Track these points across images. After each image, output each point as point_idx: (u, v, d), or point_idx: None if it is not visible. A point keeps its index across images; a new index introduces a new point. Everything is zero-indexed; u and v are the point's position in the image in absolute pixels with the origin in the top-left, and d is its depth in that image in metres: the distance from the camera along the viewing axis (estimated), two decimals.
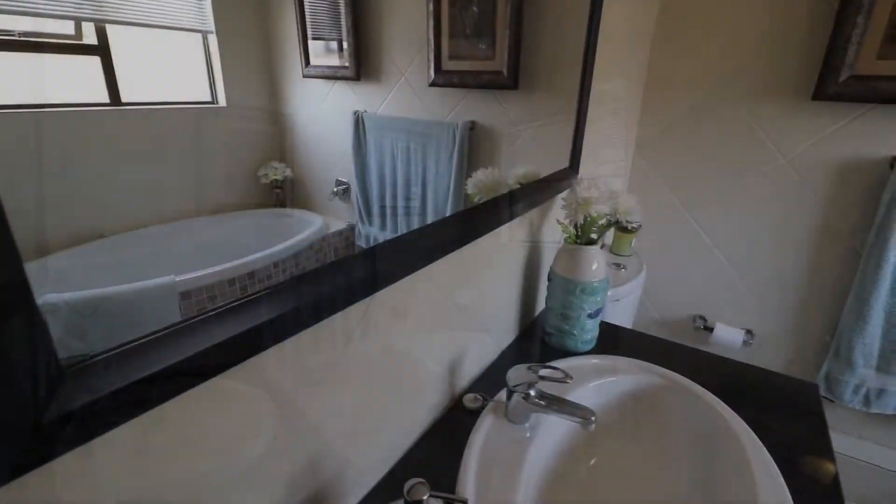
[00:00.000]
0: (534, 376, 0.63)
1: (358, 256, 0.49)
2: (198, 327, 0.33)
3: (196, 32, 0.39)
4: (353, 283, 0.44)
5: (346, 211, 0.59)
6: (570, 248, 0.83)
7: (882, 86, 1.16)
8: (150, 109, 0.37)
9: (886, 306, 1.26)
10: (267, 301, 0.37)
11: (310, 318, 0.41)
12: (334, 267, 0.45)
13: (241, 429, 0.40)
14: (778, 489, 0.56)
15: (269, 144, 0.47)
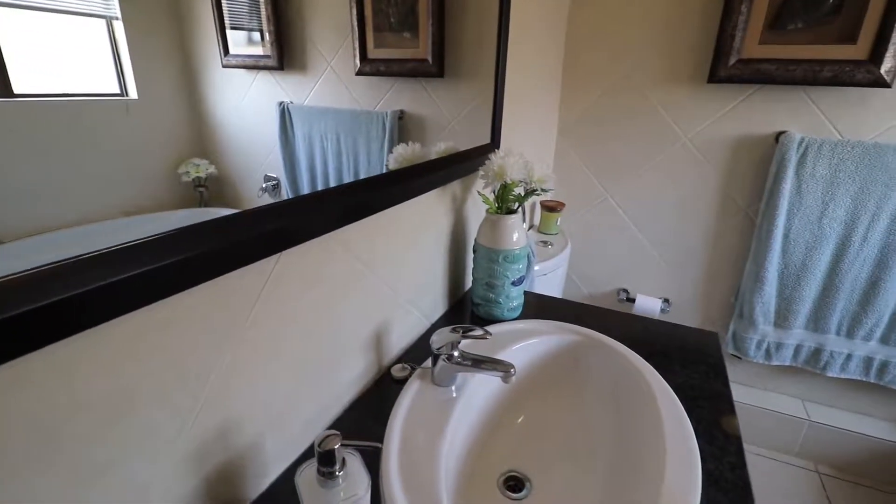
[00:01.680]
0: (456, 336, 0.64)
1: (258, 212, 0.46)
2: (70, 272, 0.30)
3: (99, 18, 0.35)
4: (254, 239, 0.43)
5: None
6: (491, 218, 0.85)
7: (765, 68, 1.29)
8: (49, 102, 0.33)
9: (779, 268, 1.41)
10: (149, 250, 0.35)
11: (203, 273, 0.39)
12: (228, 221, 0.43)
13: (139, 394, 0.37)
14: (682, 424, 0.60)
15: (189, 140, 0.44)
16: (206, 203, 0.45)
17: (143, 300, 0.35)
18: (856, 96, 1.27)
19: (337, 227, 0.55)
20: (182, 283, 0.37)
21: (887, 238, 1.28)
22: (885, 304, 1.33)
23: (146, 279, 0.34)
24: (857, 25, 1.19)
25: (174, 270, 0.36)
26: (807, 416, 1.51)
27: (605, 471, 0.63)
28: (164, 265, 0.35)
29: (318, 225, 0.51)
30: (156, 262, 0.35)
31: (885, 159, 1.23)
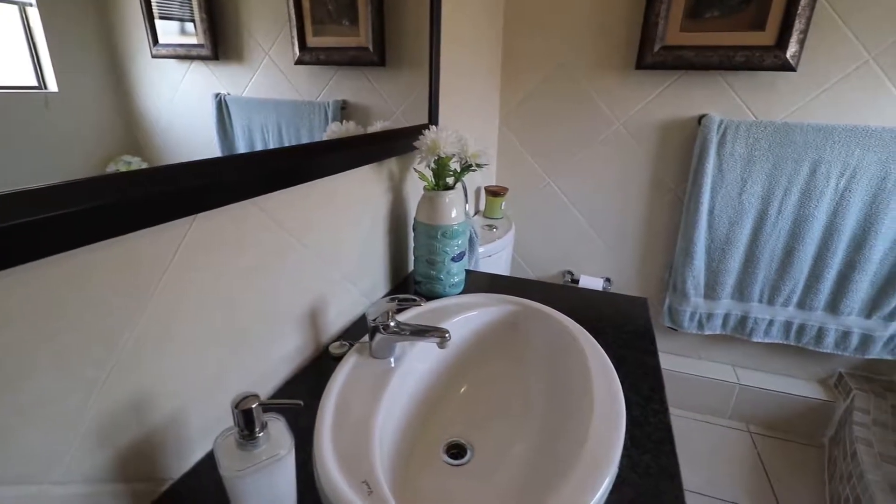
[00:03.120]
0: (392, 305, 0.64)
1: (172, 168, 0.44)
2: None
3: (10, 4, 0.32)
4: (166, 196, 0.41)
5: None
6: (429, 194, 0.86)
7: (686, 54, 1.37)
8: None
9: (706, 242, 1.50)
10: (44, 197, 0.32)
11: (107, 227, 0.36)
12: (138, 176, 0.40)
13: (34, 357, 0.34)
14: (609, 377, 0.63)
15: (119, 135, 0.41)
16: None
17: (36, 252, 0.32)
18: (767, 80, 1.38)
19: (261, 192, 0.53)
20: (84, 236, 0.35)
21: (798, 210, 1.39)
22: (799, 272, 1.45)
23: (39, 228, 0.32)
24: (765, 13, 1.29)
25: (74, 221, 0.34)
26: (737, 380, 1.63)
27: (541, 427, 0.65)
28: (62, 214, 0.33)
29: (238, 188, 0.50)
30: (53, 211, 0.32)
31: (794, 137, 1.34)
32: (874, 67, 1.29)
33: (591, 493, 0.45)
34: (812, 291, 1.45)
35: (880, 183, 1.30)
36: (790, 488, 1.40)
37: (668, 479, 0.50)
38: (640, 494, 0.48)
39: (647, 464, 0.52)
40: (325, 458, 0.48)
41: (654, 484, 0.49)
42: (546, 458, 0.58)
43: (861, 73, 1.30)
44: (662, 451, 0.54)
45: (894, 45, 1.25)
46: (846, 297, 1.42)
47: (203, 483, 0.49)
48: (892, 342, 1.44)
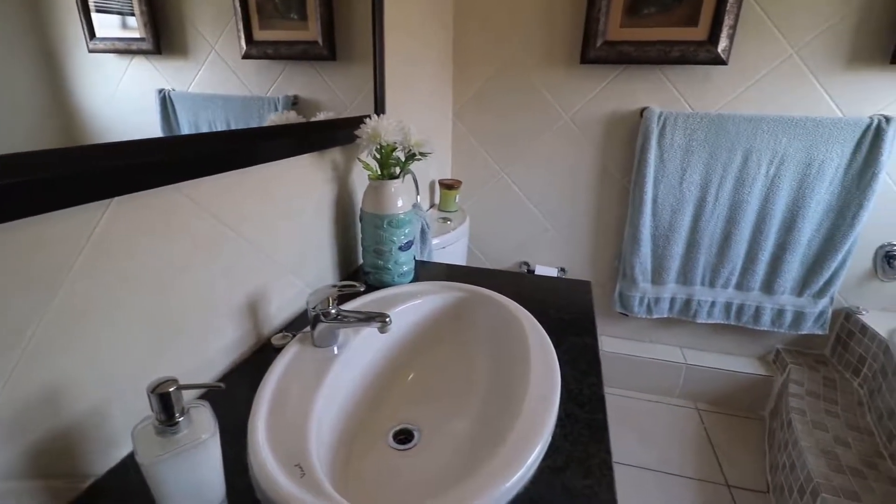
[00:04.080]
0: (333, 290, 0.63)
1: (88, 148, 0.42)
2: None
3: None
4: (79, 176, 0.39)
5: None
6: (374, 184, 0.86)
7: (626, 49, 1.43)
8: None
9: (651, 230, 1.57)
10: None
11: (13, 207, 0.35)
12: (51, 155, 0.38)
13: None
14: (548, 355, 0.65)
15: (55, 134, 0.39)
16: None
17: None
18: (701, 73, 1.45)
19: (187, 177, 0.52)
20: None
21: (734, 197, 1.47)
22: (736, 255, 1.53)
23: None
24: (697, 10, 1.36)
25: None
26: (685, 360, 1.71)
27: (484, 406, 0.67)
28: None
29: (160, 172, 0.48)
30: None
31: (727, 128, 1.41)
32: (797, 61, 1.38)
33: (522, 461, 0.46)
34: (749, 273, 1.54)
35: (805, 169, 1.40)
36: (734, 459, 1.48)
37: (597, 443, 0.52)
38: (570, 460, 0.49)
39: (579, 432, 0.54)
40: (257, 442, 0.47)
41: (584, 449, 0.51)
42: (487, 434, 0.59)
43: (786, 66, 1.39)
44: (595, 420, 0.56)
45: (815, 41, 1.35)
46: (779, 278, 1.52)
47: (129, 480, 0.47)
48: (822, 318, 1.55)
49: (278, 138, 0.69)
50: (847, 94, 1.37)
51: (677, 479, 1.41)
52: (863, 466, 1.20)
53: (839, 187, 1.40)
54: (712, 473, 1.43)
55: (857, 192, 1.38)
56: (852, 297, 1.58)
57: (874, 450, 1.25)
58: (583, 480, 0.47)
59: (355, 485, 0.55)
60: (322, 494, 0.42)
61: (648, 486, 1.38)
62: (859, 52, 1.33)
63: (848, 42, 1.33)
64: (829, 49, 1.35)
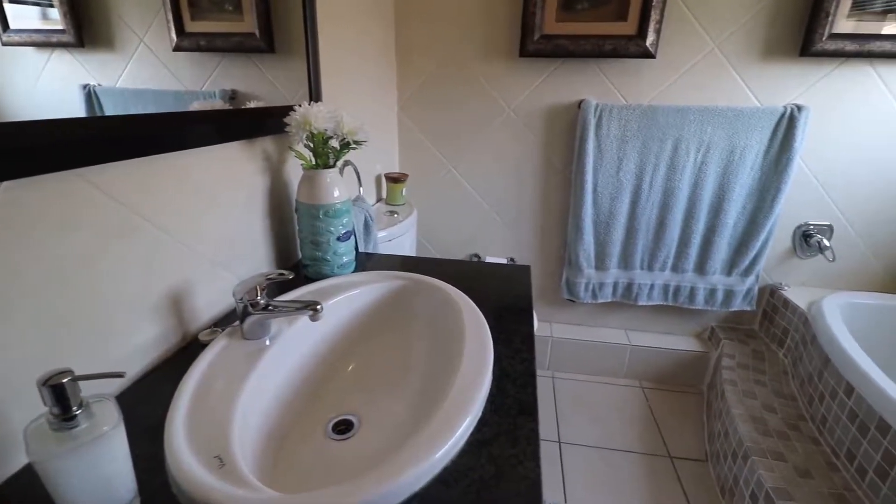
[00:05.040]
0: (259, 279, 0.61)
1: None
2: None
3: None
4: None
5: None
6: (309, 174, 0.84)
7: (563, 43, 1.47)
8: None
9: (593, 218, 1.62)
10: None
11: None
12: None
13: None
14: (482, 335, 0.66)
15: None
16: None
17: None
18: (633, 66, 1.52)
19: (89, 163, 0.49)
20: None
21: (666, 184, 1.55)
22: (671, 239, 1.62)
23: None
24: (626, 5, 1.42)
25: None
26: (629, 342, 1.78)
27: (422, 388, 0.67)
28: None
29: (54, 155, 0.45)
30: None
31: (658, 118, 1.49)
32: (718, 55, 1.47)
33: (449, 435, 0.47)
34: (682, 256, 1.63)
35: (729, 156, 1.49)
36: (676, 432, 1.56)
37: (526, 415, 0.53)
38: (499, 432, 0.51)
39: (510, 406, 0.55)
40: (173, 436, 0.45)
41: (513, 422, 0.52)
42: (422, 414, 0.60)
43: (708, 59, 1.48)
44: (525, 394, 0.57)
45: (733, 35, 1.44)
46: (710, 259, 1.61)
47: (36, 484, 0.44)
48: (749, 295, 1.66)
49: (198, 124, 0.66)
50: (763, 84, 1.48)
51: (624, 454, 1.47)
52: (787, 429, 1.29)
53: (759, 172, 1.50)
54: (656, 447, 1.50)
55: (774, 176, 1.49)
56: (775, 275, 1.70)
57: (797, 413, 1.36)
58: (510, 450, 0.48)
59: (287, 474, 0.53)
60: (241, 483, 0.41)
61: (597, 463, 1.43)
62: (772, 46, 1.44)
63: (762, 36, 1.43)
64: (745, 43, 1.44)
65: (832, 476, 1.14)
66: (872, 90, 1.44)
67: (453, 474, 0.45)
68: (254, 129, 0.80)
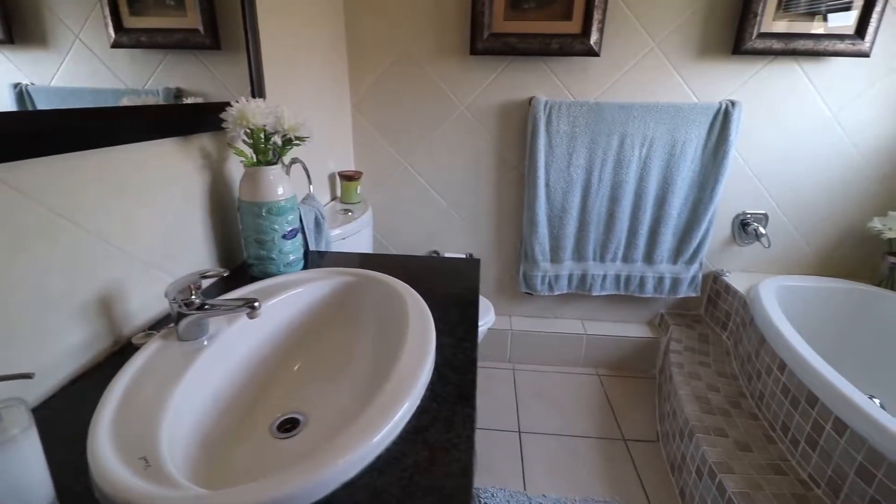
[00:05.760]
0: (193, 278, 0.60)
1: None
2: None
3: None
4: None
5: None
6: (250, 171, 0.82)
7: (511, 41, 1.50)
8: None
9: (546, 212, 1.66)
10: None
11: None
12: None
13: None
14: (425, 326, 0.67)
15: None
16: None
17: None
18: (579, 64, 1.56)
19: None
20: None
21: (614, 177, 1.61)
22: (620, 231, 1.68)
23: None
24: (570, 5, 1.47)
25: None
26: (585, 331, 1.84)
27: (367, 382, 0.67)
28: None
29: None
30: None
31: (604, 114, 1.54)
32: (658, 53, 1.54)
33: (384, 423, 0.48)
34: (632, 246, 1.69)
35: (671, 149, 1.57)
36: (630, 416, 1.63)
37: (464, 401, 0.55)
38: (436, 419, 0.52)
39: (449, 393, 0.56)
40: (97, 439, 0.44)
41: (451, 408, 0.53)
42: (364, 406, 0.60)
43: (649, 58, 1.54)
44: (465, 381, 0.59)
45: (671, 34, 1.51)
46: (657, 248, 1.69)
47: None
48: (694, 282, 1.75)
49: (125, 119, 0.64)
50: (700, 81, 1.56)
51: (582, 439, 1.51)
52: (729, 406, 1.37)
53: (699, 164, 1.58)
54: (611, 431, 1.55)
55: (713, 168, 1.57)
56: (717, 262, 1.80)
57: (738, 391, 1.44)
58: (445, 435, 0.49)
59: (226, 473, 0.53)
60: (166, 482, 0.40)
61: (556, 450, 1.47)
62: (707, 45, 1.51)
63: (697, 36, 1.51)
64: (682, 42, 1.51)
65: (769, 448, 1.21)
66: (799, 86, 1.54)
67: (387, 461, 0.46)
68: (190, 126, 0.78)
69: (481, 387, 1.76)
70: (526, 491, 1.32)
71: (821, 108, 1.56)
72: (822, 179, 1.64)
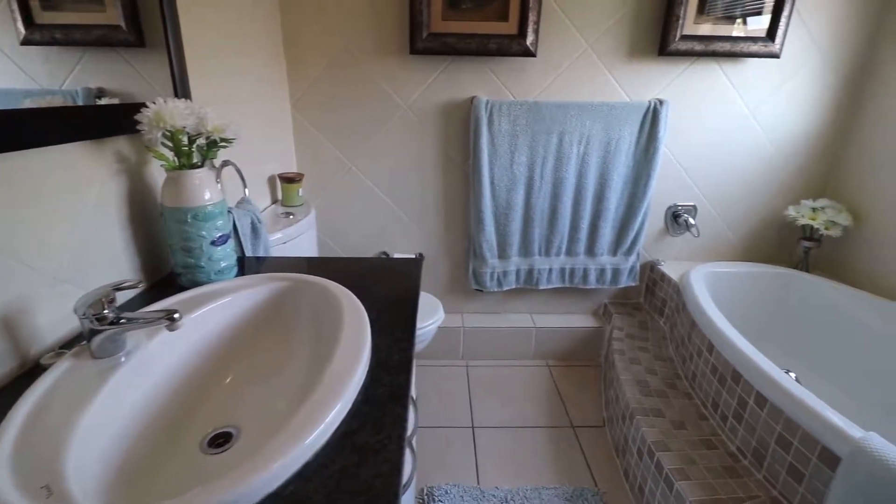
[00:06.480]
0: (105, 290, 0.57)
1: None
2: None
3: None
4: None
5: None
6: (172, 175, 0.78)
7: (450, 41, 1.51)
8: None
9: (492, 209, 1.69)
10: None
11: None
12: None
13: None
14: (360, 329, 0.66)
15: None
16: None
17: None
18: (518, 65, 1.60)
19: None
20: None
21: (555, 174, 1.66)
22: (563, 226, 1.73)
23: None
24: (506, 6, 1.50)
25: None
26: (534, 324, 1.89)
27: (303, 389, 0.66)
28: None
29: None
30: None
31: (543, 114, 1.58)
32: (592, 54, 1.60)
33: (310, 431, 0.47)
34: (574, 240, 1.76)
35: (606, 147, 1.63)
36: (578, 403, 1.69)
37: (395, 401, 0.55)
38: (366, 421, 0.51)
39: (381, 394, 0.56)
40: None
41: (382, 409, 0.53)
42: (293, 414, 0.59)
43: (583, 58, 1.60)
44: (398, 381, 0.59)
45: (603, 36, 1.57)
46: (598, 241, 1.76)
47: None
48: (633, 271, 1.83)
49: (29, 121, 0.59)
50: (631, 81, 1.63)
51: (532, 430, 1.56)
52: (666, 388, 1.45)
53: (632, 160, 1.66)
54: (560, 419, 1.61)
55: (645, 163, 1.65)
56: (653, 252, 1.90)
57: (674, 373, 1.53)
58: (375, 437, 0.49)
59: (148, 494, 0.50)
60: None
61: (508, 442, 1.50)
62: (636, 46, 1.59)
63: (627, 38, 1.58)
64: (613, 44, 1.58)
65: (702, 425, 1.30)
66: (719, 85, 1.65)
67: (315, 468, 0.45)
68: (103, 129, 0.73)
69: (435, 385, 1.77)
70: (479, 485, 1.34)
71: (740, 106, 1.68)
72: (743, 172, 1.77)
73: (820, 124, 1.71)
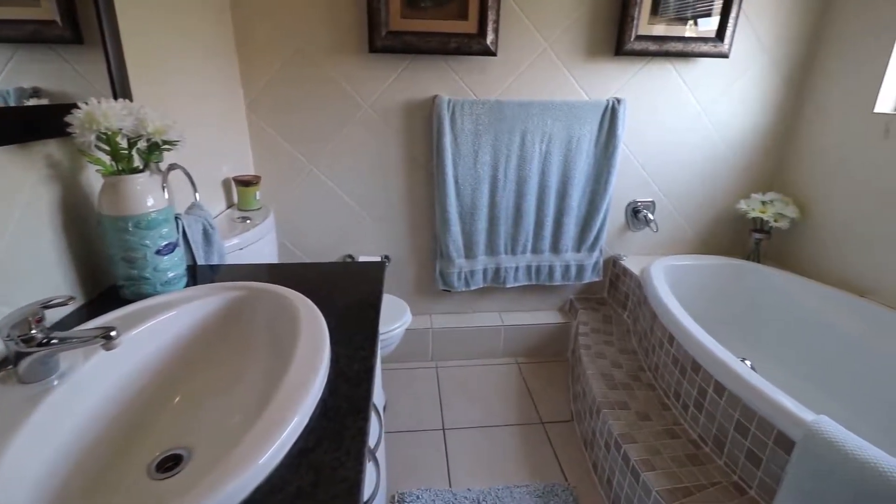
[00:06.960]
0: (32, 309, 0.52)
1: None
2: None
3: None
4: None
5: None
6: (110, 181, 0.73)
7: (410, 39, 1.49)
8: None
9: (457, 209, 1.68)
10: None
11: None
12: None
13: None
14: (318, 339, 0.63)
15: None
16: None
17: None
18: (478, 64, 1.59)
19: None
20: None
21: (519, 173, 1.67)
22: (528, 224, 1.75)
23: None
24: (466, 5, 1.49)
25: None
26: (502, 323, 1.90)
27: (256, 407, 0.63)
28: None
29: None
30: None
31: (505, 112, 1.59)
32: (551, 54, 1.61)
33: (261, 453, 0.44)
34: (539, 238, 1.77)
35: (568, 145, 1.65)
36: (547, 399, 1.71)
37: (355, 414, 0.53)
38: (323, 437, 0.49)
39: (340, 406, 0.54)
40: None
41: (341, 422, 0.51)
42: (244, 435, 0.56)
43: (543, 58, 1.61)
44: (358, 392, 0.57)
45: (562, 35, 1.59)
46: (562, 238, 1.78)
47: None
48: (596, 267, 1.87)
49: None
50: (589, 80, 1.66)
51: (502, 428, 1.56)
52: (630, 380, 1.48)
53: (593, 158, 1.69)
54: (530, 416, 1.62)
55: (605, 161, 1.68)
56: (615, 247, 1.94)
57: (638, 366, 1.56)
58: (333, 453, 0.47)
59: None
60: None
61: (480, 442, 1.50)
62: (594, 46, 1.61)
63: (585, 38, 1.60)
64: (572, 43, 1.60)
65: (665, 415, 1.33)
66: (672, 84, 1.70)
67: (267, 492, 0.42)
68: (29, 132, 0.67)
69: (405, 388, 1.74)
70: (451, 487, 1.33)
71: (693, 104, 1.73)
72: (697, 168, 1.83)
73: (767, 121, 1.79)
